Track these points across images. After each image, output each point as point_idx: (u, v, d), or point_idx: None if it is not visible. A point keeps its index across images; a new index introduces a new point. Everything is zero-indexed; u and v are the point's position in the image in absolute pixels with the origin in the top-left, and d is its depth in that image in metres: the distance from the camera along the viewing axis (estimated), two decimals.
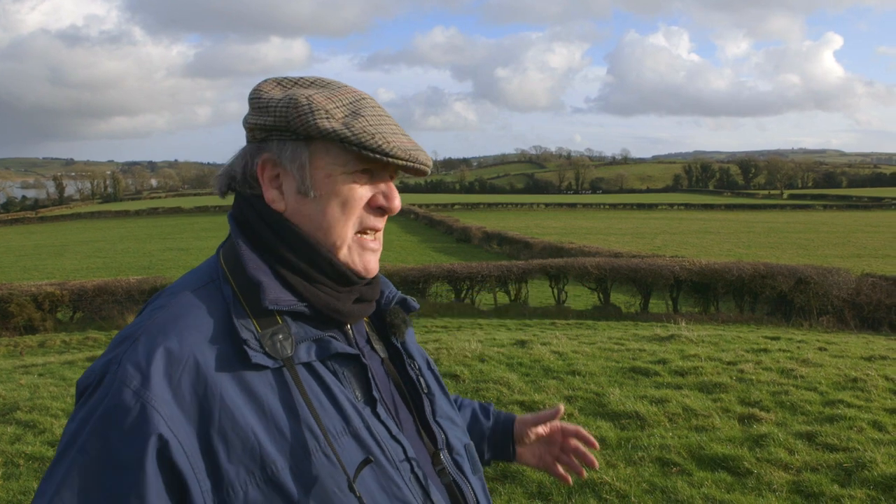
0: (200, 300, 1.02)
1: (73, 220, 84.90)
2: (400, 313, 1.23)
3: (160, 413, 0.90)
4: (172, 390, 0.92)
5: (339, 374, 1.05)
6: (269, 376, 0.98)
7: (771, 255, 27.65)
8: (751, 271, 14.56)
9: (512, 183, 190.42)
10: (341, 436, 1.00)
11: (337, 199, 1.06)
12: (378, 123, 1.05)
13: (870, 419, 5.11)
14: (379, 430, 1.04)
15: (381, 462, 1.02)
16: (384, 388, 1.13)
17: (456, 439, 1.22)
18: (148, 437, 0.89)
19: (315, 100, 1.04)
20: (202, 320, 0.99)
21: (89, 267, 29.98)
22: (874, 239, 38.87)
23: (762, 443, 4.68)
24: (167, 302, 1.02)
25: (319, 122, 1.02)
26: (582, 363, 6.93)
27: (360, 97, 1.08)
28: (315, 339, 1.04)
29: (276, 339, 1.00)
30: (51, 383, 6.96)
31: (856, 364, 6.97)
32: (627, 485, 4.08)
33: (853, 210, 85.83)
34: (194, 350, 0.95)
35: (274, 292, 1.02)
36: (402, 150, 1.04)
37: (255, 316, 1.01)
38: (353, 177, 1.06)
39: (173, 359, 0.93)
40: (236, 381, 0.96)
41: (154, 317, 0.99)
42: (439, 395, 1.24)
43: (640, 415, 5.23)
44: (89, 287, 15.57)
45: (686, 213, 79.33)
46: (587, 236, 37.75)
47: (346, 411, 1.02)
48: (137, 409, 0.89)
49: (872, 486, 4.00)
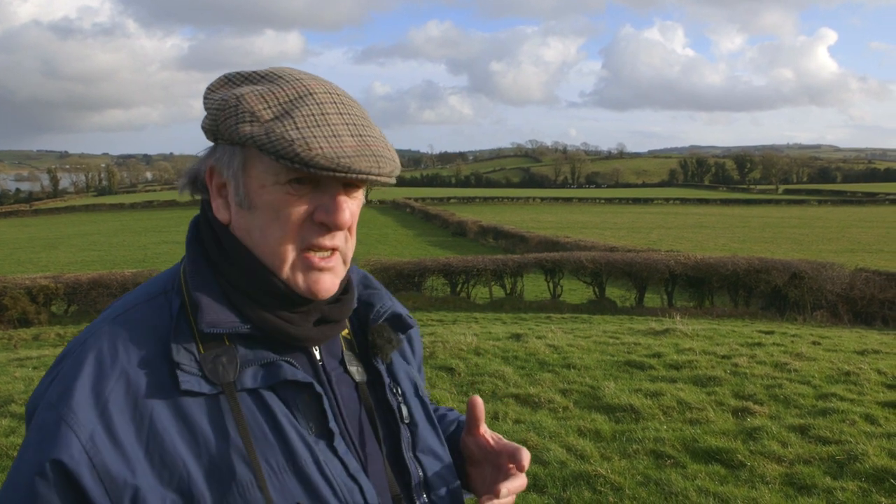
0: (145, 314, 0.94)
1: (68, 212, 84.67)
2: (386, 332, 1.09)
3: (76, 434, 0.84)
4: (98, 411, 0.85)
5: (290, 403, 0.95)
6: (205, 403, 0.90)
7: (766, 249, 27.73)
8: (745, 266, 14.61)
9: (508, 177, 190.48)
10: (282, 472, 0.91)
11: (271, 212, 0.93)
12: (311, 125, 0.90)
13: (862, 412, 5.14)
14: (333, 468, 0.94)
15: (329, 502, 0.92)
16: (351, 416, 1.02)
17: (438, 478, 1.08)
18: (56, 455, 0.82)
19: (245, 100, 0.92)
20: (141, 338, 0.92)
21: (84, 260, 29.91)
22: (868, 234, 39.00)
23: (756, 436, 4.71)
24: (112, 314, 0.95)
25: (240, 127, 0.91)
26: (577, 357, 6.96)
27: (306, 93, 0.93)
28: (264, 363, 0.94)
29: (219, 362, 0.92)
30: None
31: (849, 358, 7.01)
32: (622, 477, 4.11)
33: (847, 205, 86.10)
34: (127, 370, 0.88)
35: (212, 314, 0.93)
36: (326, 157, 0.87)
37: (200, 336, 0.93)
38: (286, 188, 0.92)
39: (103, 377, 0.87)
40: (169, 405, 0.88)
41: (96, 331, 0.93)
42: (424, 426, 1.10)
43: (634, 408, 5.25)
44: (84, 280, 15.55)
45: (681, 207, 79.52)
46: (583, 230, 37.81)
47: (293, 445, 0.92)
48: (53, 429, 0.84)
49: (864, 479, 4.03)
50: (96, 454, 0.83)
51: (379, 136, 0.96)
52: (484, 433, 1.12)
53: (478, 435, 1.12)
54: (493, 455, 1.10)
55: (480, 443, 1.12)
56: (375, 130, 0.96)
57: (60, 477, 0.82)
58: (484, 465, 1.13)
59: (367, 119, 0.97)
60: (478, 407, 1.12)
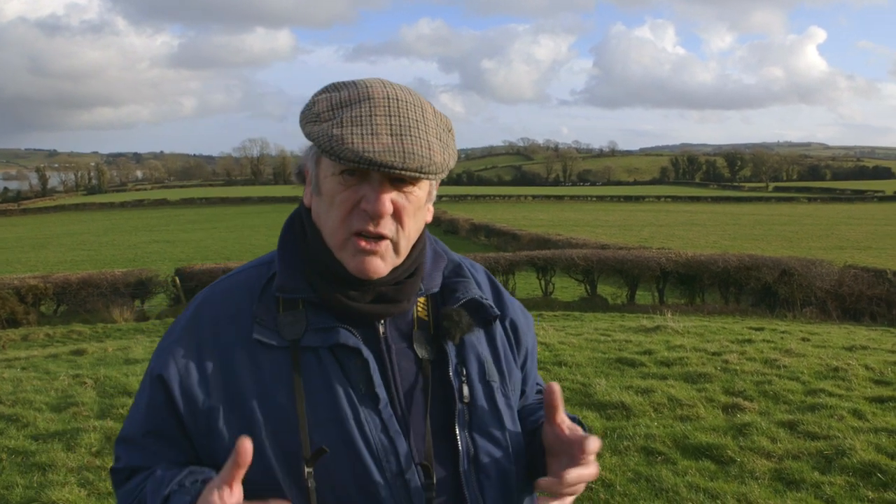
0: (248, 277, 1.19)
1: (57, 212, 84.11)
2: (458, 316, 1.18)
3: (174, 357, 1.12)
4: (189, 344, 1.13)
5: (345, 365, 1.10)
6: (274, 354, 1.10)
7: (756, 247, 27.86)
8: (736, 263, 14.69)
9: (500, 175, 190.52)
10: (326, 423, 1.07)
11: (329, 199, 1.10)
12: (354, 124, 1.04)
13: (850, 408, 5.18)
14: (373, 426, 1.08)
15: (363, 456, 1.06)
16: (408, 388, 1.13)
17: (490, 459, 1.14)
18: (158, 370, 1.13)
19: (316, 103, 1.09)
20: (237, 295, 1.16)
21: (73, 259, 29.74)
22: (857, 231, 39.26)
23: (745, 431, 4.74)
24: (226, 275, 1.23)
25: (306, 126, 1.09)
26: (569, 354, 6.98)
27: (365, 97, 1.07)
28: (325, 327, 1.11)
29: (290, 322, 1.11)
30: (34, 377, 6.91)
31: (837, 354, 7.06)
32: (613, 474, 4.12)
33: (836, 203, 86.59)
34: (219, 318, 1.14)
35: (284, 281, 1.13)
36: (353, 151, 1.01)
37: (282, 300, 1.14)
38: (339, 178, 1.08)
39: (199, 322, 1.15)
40: (245, 350, 1.11)
41: (210, 287, 1.21)
42: (484, 408, 1.16)
43: (625, 405, 5.27)
44: (74, 280, 15.47)
45: (673, 205, 79.76)
46: (574, 228, 37.86)
47: (339, 401, 1.08)
48: (163, 351, 1.15)
49: (851, 473, 4.06)
50: (186, 377, 1.11)
51: (425, 136, 1.07)
52: (560, 423, 1.12)
53: (554, 424, 1.13)
54: (568, 445, 1.11)
55: (556, 432, 1.12)
56: (425, 132, 1.08)
57: (161, 385, 1.12)
58: (561, 456, 1.12)
59: (424, 122, 1.09)
60: (554, 394, 1.12)
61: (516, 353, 1.29)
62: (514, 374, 1.26)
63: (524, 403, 1.33)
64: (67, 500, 3.87)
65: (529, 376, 1.34)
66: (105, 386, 6.14)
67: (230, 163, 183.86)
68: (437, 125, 1.13)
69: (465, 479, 1.12)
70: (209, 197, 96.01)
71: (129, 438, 1.16)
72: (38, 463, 4.43)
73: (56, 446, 4.69)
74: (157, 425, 1.13)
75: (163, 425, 1.13)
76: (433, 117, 1.13)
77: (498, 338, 1.25)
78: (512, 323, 1.30)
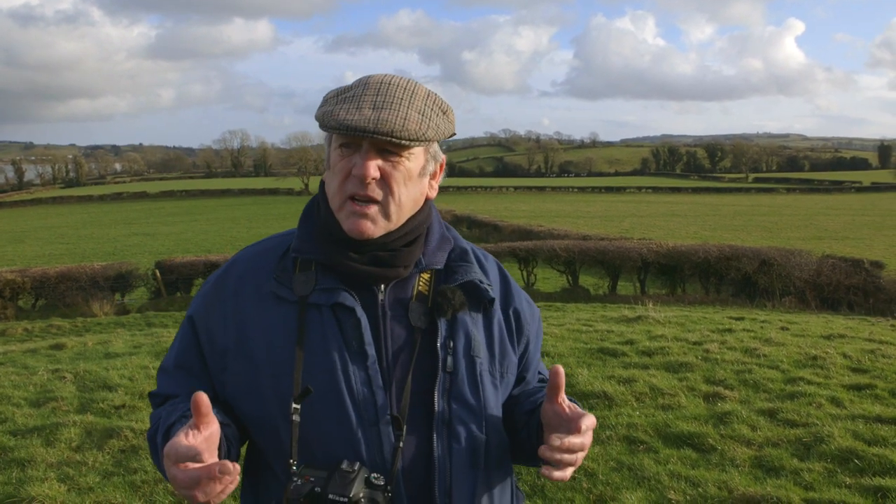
0: (276, 242, 1.37)
1: (34, 205, 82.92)
2: (451, 294, 1.30)
3: (204, 304, 1.34)
4: (216, 294, 1.33)
5: (343, 323, 1.25)
6: (285, 306, 1.27)
7: (736, 237, 28.13)
8: (716, 253, 14.82)
9: (481, 166, 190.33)
10: (318, 372, 1.22)
11: (333, 169, 1.28)
12: (345, 102, 1.22)
13: (828, 395, 5.25)
14: (358, 378, 1.22)
15: (345, 403, 1.21)
16: (397, 350, 1.27)
17: (462, 425, 1.26)
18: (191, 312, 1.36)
19: (329, 94, 1.29)
20: (264, 256, 1.34)
21: (52, 253, 29.36)
22: (834, 221, 39.77)
23: (726, 420, 4.79)
24: (261, 240, 1.42)
25: (318, 109, 1.27)
26: (551, 345, 7.00)
27: (363, 83, 1.25)
28: (329, 287, 1.26)
29: (302, 280, 1.28)
30: (12, 372, 6.82)
31: (816, 343, 7.15)
32: (595, 463, 4.15)
33: (815, 193, 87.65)
34: (244, 275, 1.33)
35: (299, 244, 1.31)
36: (336, 121, 1.19)
37: (300, 261, 1.30)
38: (339, 151, 1.26)
39: (228, 277, 1.35)
40: (261, 302, 1.29)
41: (245, 248, 1.41)
42: (464, 379, 1.28)
43: (607, 395, 5.31)
44: (52, 274, 15.27)
45: (654, 196, 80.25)
46: (556, 219, 37.99)
47: (331, 353, 1.23)
48: (197, 297, 1.38)
49: (830, 460, 4.12)
50: (209, 318, 1.32)
51: (405, 110, 1.22)
52: (562, 402, 1.22)
53: (556, 403, 1.22)
54: (567, 421, 1.21)
55: (557, 410, 1.22)
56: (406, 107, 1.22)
57: (191, 325, 1.34)
58: (559, 430, 1.22)
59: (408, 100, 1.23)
60: (559, 376, 1.21)
61: (516, 340, 1.40)
62: (507, 358, 1.37)
63: (524, 389, 1.44)
64: (47, 496, 3.82)
65: (531, 364, 1.46)
66: (85, 380, 6.07)
67: (210, 155, 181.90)
68: (425, 104, 1.26)
69: (436, 441, 1.23)
70: (189, 189, 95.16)
71: (165, 368, 1.37)
72: (16, 458, 4.37)
73: (35, 441, 4.63)
74: (186, 360, 1.33)
75: (191, 360, 1.33)
76: (422, 98, 1.26)
77: (495, 322, 1.36)
78: (515, 311, 1.41)
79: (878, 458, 4.06)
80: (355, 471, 1.15)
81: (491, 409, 1.30)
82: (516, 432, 1.36)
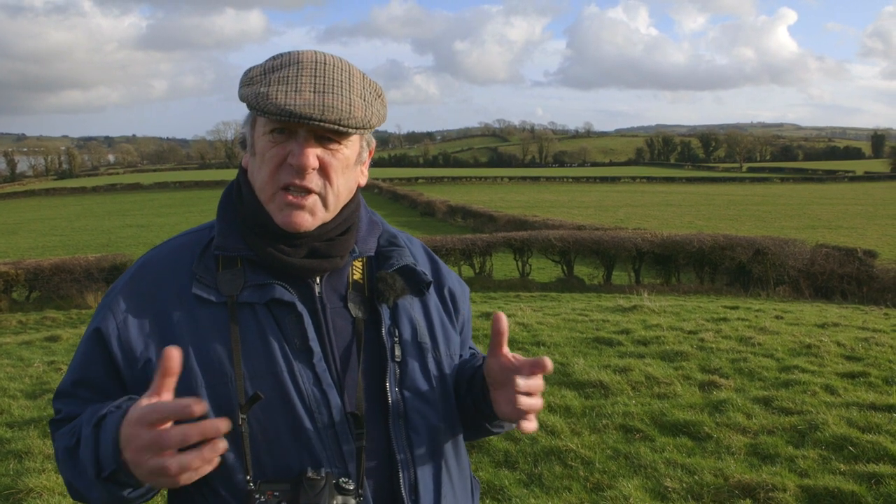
0: (189, 240, 1.24)
1: (27, 197, 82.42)
2: (392, 279, 1.24)
3: (114, 313, 1.17)
4: (129, 300, 1.17)
5: (280, 320, 1.16)
6: (213, 309, 1.15)
7: (730, 226, 28.18)
8: (711, 243, 14.84)
9: (476, 157, 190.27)
10: (261, 376, 1.12)
11: (261, 156, 1.16)
12: (279, 83, 1.11)
13: (822, 383, 5.29)
14: (306, 379, 1.13)
15: (296, 407, 1.12)
16: (342, 344, 1.19)
17: (417, 414, 1.21)
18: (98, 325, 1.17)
19: (253, 69, 1.17)
20: (178, 256, 1.21)
21: (45, 245, 29.21)
22: (828, 211, 39.88)
23: (721, 408, 4.82)
24: (170, 238, 1.28)
25: (241, 90, 1.16)
26: (547, 334, 7.03)
27: (294, 61, 1.15)
28: (261, 283, 1.16)
29: (228, 279, 1.16)
30: (7, 364, 6.81)
31: (810, 331, 7.19)
32: (592, 451, 4.18)
33: (808, 183, 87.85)
34: (159, 277, 1.19)
35: (222, 240, 1.19)
36: (276, 105, 1.08)
37: (222, 259, 1.19)
38: (269, 136, 1.15)
39: (140, 280, 1.20)
40: (184, 306, 1.15)
41: (155, 248, 1.26)
42: (415, 367, 1.23)
43: (603, 384, 5.33)
44: (46, 266, 15.19)
45: (648, 186, 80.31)
46: (551, 209, 38.00)
47: (274, 355, 1.13)
48: (103, 307, 1.20)
49: (824, 447, 4.16)
50: (124, 329, 1.15)
51: (347, 94, 1.13)
52: (506, 353, 1.17)
53: (500, 355, 1.17)
54: (515, 370, 1.14)
55: (502, 362, 1.16)
56: (348, 91, 1.14)
57: (98, 338, 1.16)
58: (508, 385, 1.16)
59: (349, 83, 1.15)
60: (500, 321, 1.16)
61: (455, 319, 1.36)
62: (452, 340, 1.33)
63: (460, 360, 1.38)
64: (45, 488, 3.83)
65: (465, 342, 1.42)
66: None
67: (204, 146, 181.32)
68: (364, 88, 1.18)
69: (393, 434, 1.18)
70: (183, 181, 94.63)
71: (61, 391, 1.21)
72: (14, 450, 4.37)
73: (32, 433, 4.64)
74: (88, 375, 1.18)
75: (93, 375, 1.17)
76: (360, 81, 1.18)
77: (432, 306, 1.31)
78: (450, 291, 1.37)
79: (871, 444, 4.10)
80: (323, 478, 1.08)
81: (443, 396, 1.26)
82: (460, 399, 1.30)
